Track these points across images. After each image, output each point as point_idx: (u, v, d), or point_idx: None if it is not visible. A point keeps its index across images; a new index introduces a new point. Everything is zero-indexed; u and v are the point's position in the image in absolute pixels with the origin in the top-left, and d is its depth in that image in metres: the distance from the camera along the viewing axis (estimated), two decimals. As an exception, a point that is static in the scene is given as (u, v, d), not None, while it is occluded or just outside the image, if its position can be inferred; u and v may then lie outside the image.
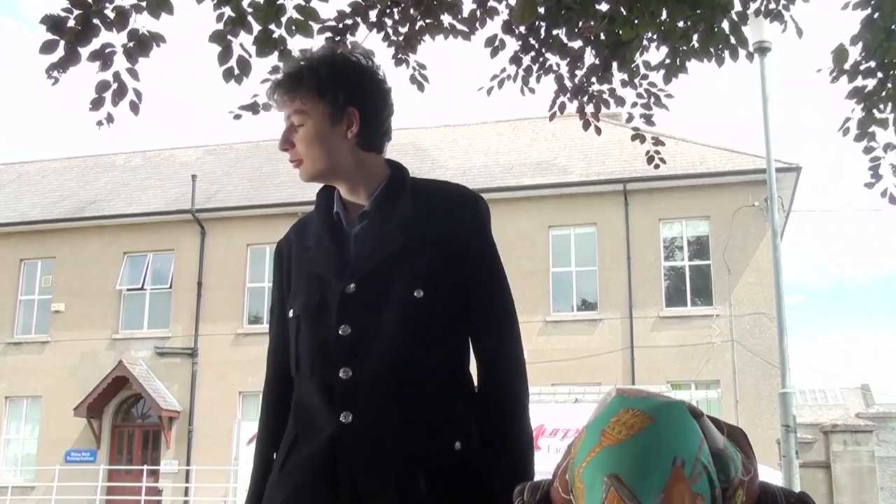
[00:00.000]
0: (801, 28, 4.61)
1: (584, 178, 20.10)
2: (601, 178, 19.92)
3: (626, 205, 19.49)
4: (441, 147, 22.96)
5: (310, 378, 1.98)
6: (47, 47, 3.53)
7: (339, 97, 2.03)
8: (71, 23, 3.54)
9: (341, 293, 1.98)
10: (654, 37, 4.63)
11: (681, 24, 4.31)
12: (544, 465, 1.77)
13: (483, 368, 2.02)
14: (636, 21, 4.16)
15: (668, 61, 4.66)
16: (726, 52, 4.49)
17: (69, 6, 3.53)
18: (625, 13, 4.29)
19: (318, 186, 2.23)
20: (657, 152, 5.94)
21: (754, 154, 18.85)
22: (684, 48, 4.57)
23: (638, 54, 4.70)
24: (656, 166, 6.07)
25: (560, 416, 13.72)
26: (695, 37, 4.49)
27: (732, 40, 4.46)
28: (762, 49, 10.59)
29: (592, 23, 4.50)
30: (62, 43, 3.55)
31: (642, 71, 4.83)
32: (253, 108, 4.68)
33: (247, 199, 22.10)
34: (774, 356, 14.22)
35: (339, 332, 1.96)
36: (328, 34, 4.46)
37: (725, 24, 4.43)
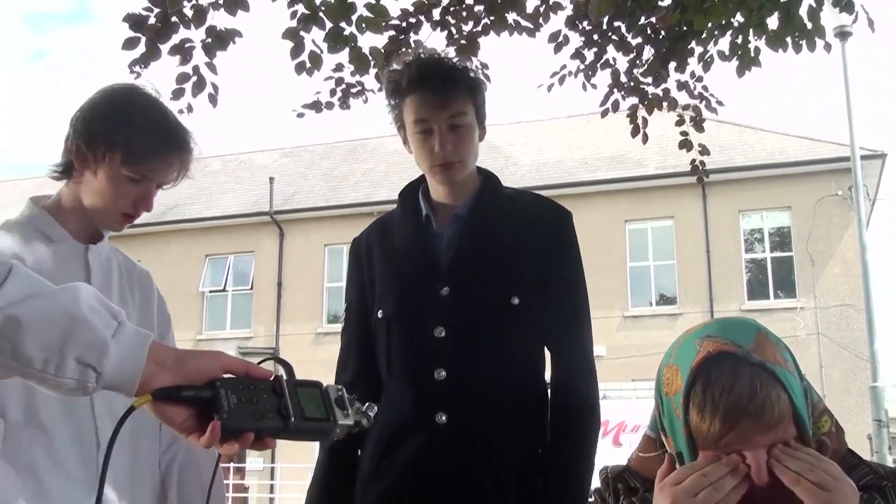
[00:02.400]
0: (873, 18, 4.45)
1: (660, 171, 19.81)
2: (678, 171, 19.59)
3: (704, 197, 19.15)
4: (514, 144, 22.88)
5: (404, 380, 2.02)
6: (129, 44, 3.69)
7: (481, 99, 2.10)
8: (151, 21, 3.69)
9: (436, 296, 2.01)
10: (717, 28, 4.52)
11: (755, 11, 4.20)
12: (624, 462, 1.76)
13: (562, 378, 2.05)
14: (708, 8, 4.08)
15: (740, 52, 4.55)
16: (803, 41, 4.37)
17: (149, 5, 3.65)
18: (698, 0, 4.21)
19: (392, 185, 2.26)
20: (702, 163, 5.77)
21: (837, 142, 18.36)
22: (755, 39, 4.45)
23: (712, 44, 4.61)
24: (699, 179, 5.88)
25: (641, 412, 13.57)
26: (770, 26, 4.38)
27: (809, 27, 4.34)
28: (843, 34, 10.32)
29: (656, 18, 4.42)
30: (143, 40, 3.69)
31: (714, 57, 4.71)
32: (315, 106, 4.76)
33: (323, 199, 22.37)
34: (862, 349, 13.83)
35: (435, 335, 1.99)
36: (392, 32, 4.50)
37: (803, 11, 4.31)
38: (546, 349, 2.08)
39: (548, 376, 2.07)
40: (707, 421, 1.29)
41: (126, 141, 1.75)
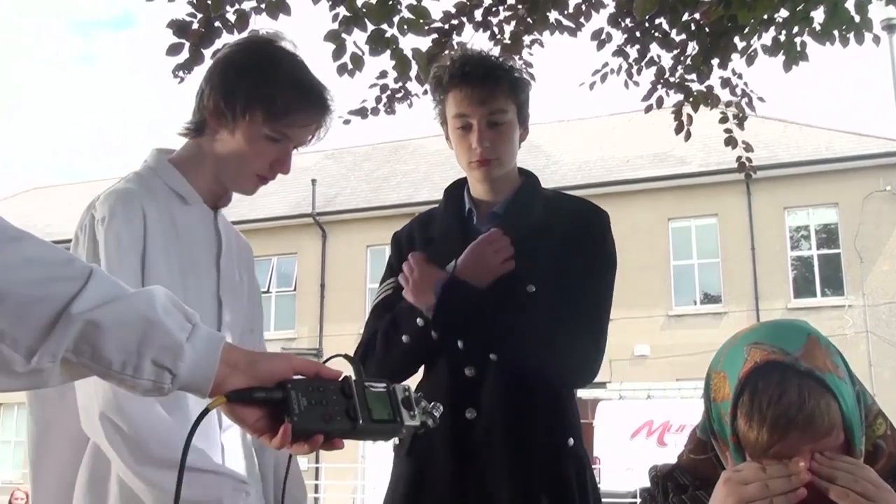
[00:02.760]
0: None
1: (703, 169, 19.61)
2: (721, 168, 19.40)
3: (749, 194, 18.92)
4: (556, 142, 22.78)
5: (438, 376, 2.03)
6: (174, 50, 3.73)
7: (523, 98, 2.10)
8: (195, 26, 3.72)
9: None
10: (761, 23, 4.46)
11: (801, 5, 4.15)
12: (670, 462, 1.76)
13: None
14: (752, 3, 4.03)
15: (786, 47, 4.49)
16: (851, 34, 4.30)
17: (193, 11, 3.69)
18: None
19: (433, 185, 2.26)
20: (748, 160, 5.71)
21: (885, 136, 18.03)
22: (800, 32, 4.39)
23: (756, 38, 4.55)
24: (748, 175, 5.83)
25: (685, 412, 13.46)
26: (816, 19, 4.32)
27: (857, 19, 4.27)
28: (890, 27, 10.13)
29: (699, 13, 4.38)
30: (187, 45, 3.72)
31: (758, 51, 4.65)
32: (362, 112, 4.77)
33: (365, 201, 22.47)
34: (913, 347, 13.57)
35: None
36: (435, 35, 4.50)
37: (849, 4, 4.24)
38: None
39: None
40: (755, 431, 1.29)
41: (268, 97, 1.65)
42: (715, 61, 4.82)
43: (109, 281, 1.05)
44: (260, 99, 1.65)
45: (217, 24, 3.76)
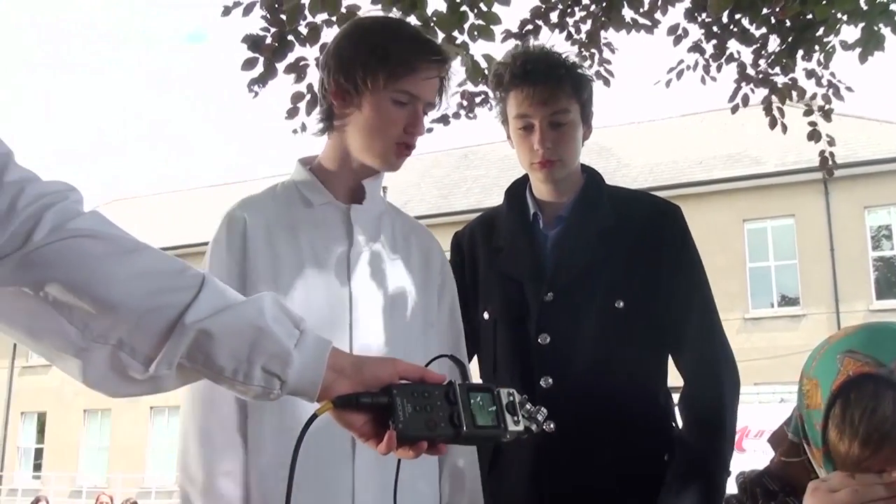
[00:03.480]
0: None
1: (779, 168, 19.21)
2: (798, 167, 18.99)
3: (827, 194, 18.48)
4: (626, 145, 22.57)
5: (509, 383, 1.96)
6: (248, 64, 3.79)
7: (586, 97, 2.03)
8: (268, 41, 3.77)
9: (541, 302, 1.95)
10: (844, 17, 4.35)
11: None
12: (749, 468, 1.72)
13: (684, 379, 1.97)
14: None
15: (863, 39, 4.37)
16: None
17: (266, 26, 3.74)
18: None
19: (503, 190, 2.22)
20: (831, 154, 5.54)
21: (970, 132, 17.46)
22: (883, 25, 4.27)
23: (834, 35, 4.45)
24: (829, 172, 5.68)
25: (764, 418, 13.18)
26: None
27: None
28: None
29: (777, 9, 4.29)
30: (261, 60, 3.77)
31: (836, 47, 4.54)
32: (443, 119, 4.80)
33: (435, 207, 22.55)
34: None
35: (539, 341, 1.94)
36: (513, 40, 4.51)
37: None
38: (663, 355, 2.01)
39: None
40: (846, 444, 1.25)
41: (385, 57, 1.64)
42: (799, 54, 4.70)
43: (221, 289, 1.09)
44: (377, 61, 1.65)
45: (290, 37, 3.81)
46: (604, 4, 4.50)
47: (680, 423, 1.99)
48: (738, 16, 4.61)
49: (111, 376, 1.04)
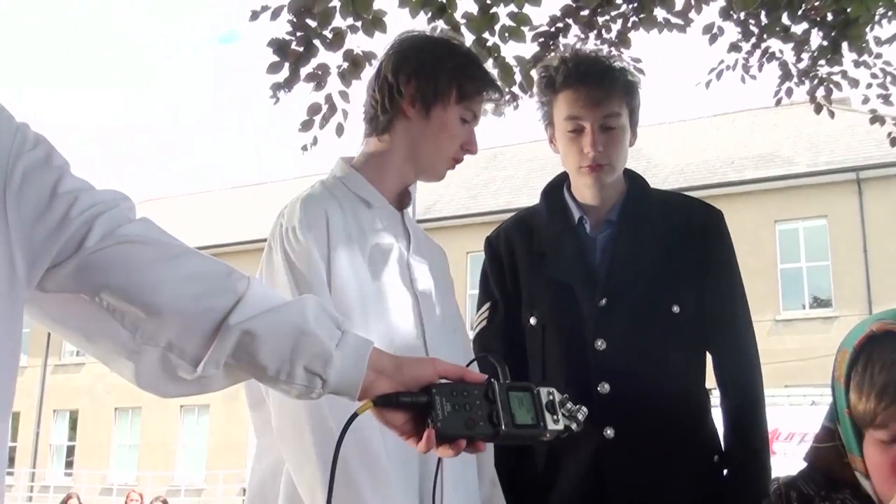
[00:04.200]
0: None
1: (811, 169, 19.02)
2: (831, 168, 18.79)
3: (860, 194, 18.26)
4: (656, 145, 22.44)
5: (563, 389, 1.92)
6: (273, 68, 3.77)
7: (636, 103, 2.03)
8: (294, 45, 3.75)
9: (596, 308, 1.94)
10: (888, 12, 4.30)
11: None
12: (778, 472, 1.71)
13: (725, 378, 1.99)
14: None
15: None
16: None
17: (292, 30, 3.73)
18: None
19: (532, 190, 2.22)
20: None
21: None
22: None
23: (868, 29, 4.38)
24: None
25: (795, 420, 13.05)
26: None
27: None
28: None
29: (818, 2, 4.24)
30: (286, 64, 3.76)
31: (873, 49, 4.49)
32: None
33: (464, 207, 22.55)
34: None
35: (596, 347, 1.93)
36: (541, 39, 4.47)
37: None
38: (705, 356, 2.01)
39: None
40: (864, 399, 1.24)
41: (470, 74, 1.73)
42: (844, 47, 4.63)
43: (265, 291, 1.13)
44: (462, 76, 1.72)
45: (315, 42, 3.79)
46: (635, 4, 4.46)
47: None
48: (776, 13, 4.55)
49: (162, 377, 1.09)
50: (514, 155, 24.79)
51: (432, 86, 1.70)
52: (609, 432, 1.88)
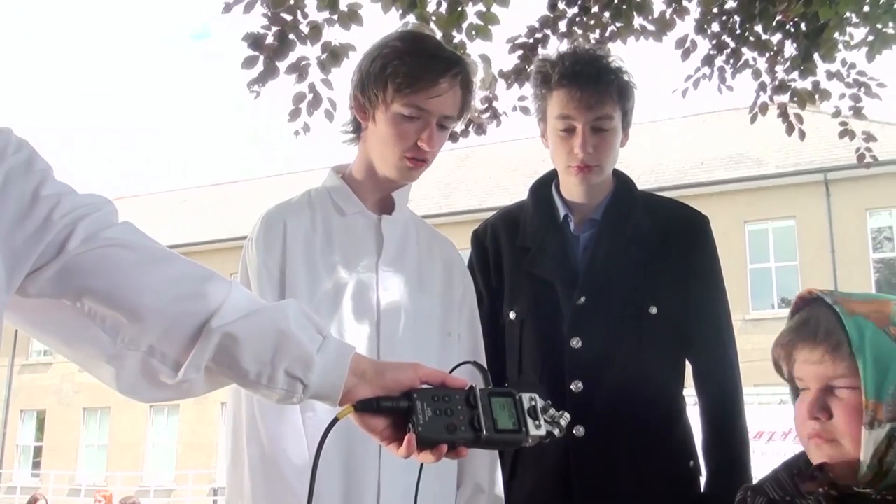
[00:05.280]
0: None
1: (781, 170, 19.21)
2: (800, 169, 18.99)
3: (828, 195, 18.47)
4: (628, 146, 22.51)
5: (537, 385, 1.94)
6: (248, 63, 3.75)
7: (629, 105, 2.02)
8: (269, 39, 3.74)
9: (573, 305, 1.94)
10: (854, 18, 4.33)
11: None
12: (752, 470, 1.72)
13: (704, 379, 2.00)
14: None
15: (870, 38, 4.35)
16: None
17: (268, 24, 3.72)
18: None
19: (504, 191, 2.22)
20: (868, 149, 5.44)
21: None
22: (889, 26, 4.26)
23: (838, 34, 4.42)
24: (867, 165, 5.55)
25: (764, 419, 13.17)
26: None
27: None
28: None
29: (786, 6, 4.27)
30: (262, 58, 3.75)
31: (840, 49, 4.52)
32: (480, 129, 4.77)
33: (436, 207, 22.53)
34: None
35: (572, 345, 1.92)
36: (520, 51, 4.49)
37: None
38: (684, 361, 2.02)
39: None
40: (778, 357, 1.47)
41: (393, 72, 1.68)
42: (816, 57, 4.65)
43: (247, 295, 1.13)
44: (387, 76, 1.69)
45: (291, 36, 3.78)
46: (612, 12, 4.48)
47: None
48: (750, 24, 4.58)
49: (143, 382, 1.08)
50: (486, 155, 24.81)
51: (368, 92, 1.72)
52: (579, 431, 1.87)
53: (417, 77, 1.67)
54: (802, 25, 4.47)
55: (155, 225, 24.86)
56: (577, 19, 4.61)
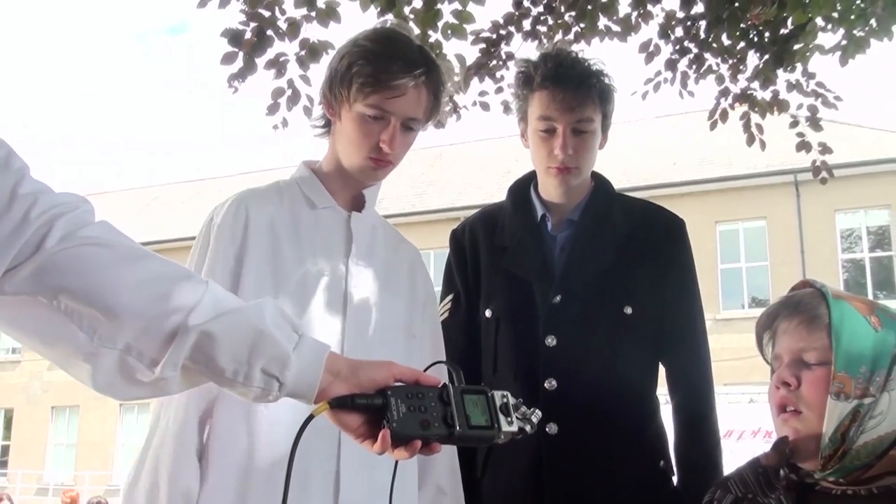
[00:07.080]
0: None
1: (751, 171, 19.37)
2: (770, 170, 19.16)
3: (798, 196, 18.65)
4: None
5: (511, 383, 1.95)
6: (228, 59, 3.76)
7: (610, 108, 2.03)
8: (248, 35, 3.74)
9: (549, 304, 1.96)
10: (829, 25, 4.37)
11: (858, 1, 4.05)
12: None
13: (677, 379, 2.02)
14: (808, 3, 3.95)
15: (844, 43, 4.39)
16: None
17: (246, 20, 3.71)
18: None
19: (478, 190, 2.23)
20: (824, 163, 5.45)
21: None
22: (862, 30, 4.30)
23: (810, 39, 4.46)
24: (823, 180, 5.52)
25: (734, 418, 13.27)
26: (872, 19, 4.22)
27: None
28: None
29: (759, 10, 4.30)
30: (241, 54, 3.75)
31: (815, 55, 4.56)
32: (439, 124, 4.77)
33: (410, 206, 22.54)
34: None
35: (546, 343, 1.94)
36: (482, 45, 4.50)
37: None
38: (658, 361, 2.04)
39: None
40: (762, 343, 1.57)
41: (358, 71, 1.65)
42: (779, 67, 4.69)
43: (223, 294, 1.14)
44: (351, 76, 1.67)
45: (269, 32, 3.79)
46: (576, 13, 4.50)
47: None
48: (716, 31, 4.61)
49: (119, 380, 1.08)
50: (458, 154, 24.84)
51: (335, 90, 1.71)
52: (552, 428, 1.88)
53: (379, 78, 1.65)
54: (766, 34, 4.51)
55: (126, 222, 24.63)
56: (542, 18, 4.62)
